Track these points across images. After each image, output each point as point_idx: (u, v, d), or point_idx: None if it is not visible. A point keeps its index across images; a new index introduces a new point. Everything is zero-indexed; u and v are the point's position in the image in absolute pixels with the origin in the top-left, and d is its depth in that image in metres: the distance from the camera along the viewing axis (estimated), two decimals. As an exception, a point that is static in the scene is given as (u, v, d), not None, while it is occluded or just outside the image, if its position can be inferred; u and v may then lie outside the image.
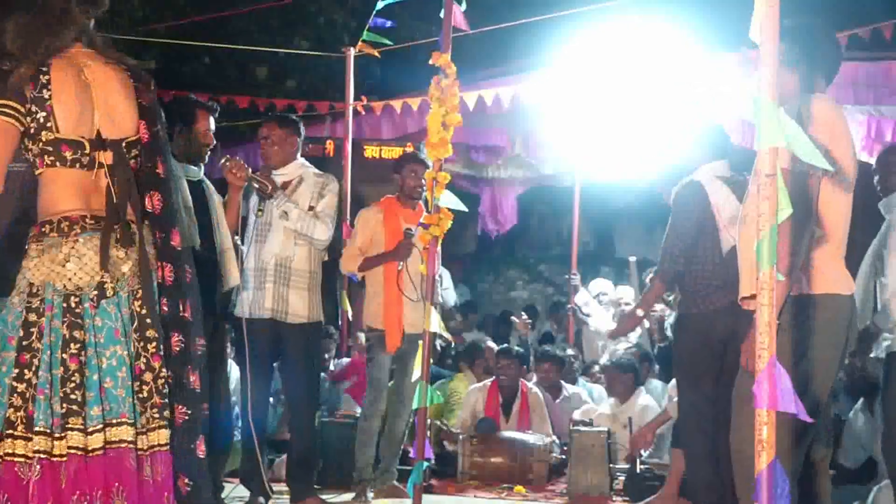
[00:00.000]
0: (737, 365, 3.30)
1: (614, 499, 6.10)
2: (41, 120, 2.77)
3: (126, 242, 2.81)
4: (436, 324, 4.56)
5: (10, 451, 2.67)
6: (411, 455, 5.60)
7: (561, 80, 8.02)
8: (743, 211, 3.37)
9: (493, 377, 7.14)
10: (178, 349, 2.83)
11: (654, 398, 6.84)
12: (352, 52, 8.19)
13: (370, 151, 8.63)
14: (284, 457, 5.97)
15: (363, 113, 8.78)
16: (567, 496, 6.12)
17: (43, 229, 2.80)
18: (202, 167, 4.83)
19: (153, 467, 2.77)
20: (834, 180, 3.21)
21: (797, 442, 3.17)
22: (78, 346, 2.72)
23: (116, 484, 2.68)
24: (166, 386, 2.81)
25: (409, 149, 8.17)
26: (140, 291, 2.81)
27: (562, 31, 8.09)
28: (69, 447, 2.68)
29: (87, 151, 2.81)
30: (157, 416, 2.79)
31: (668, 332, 7.65)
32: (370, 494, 5.65)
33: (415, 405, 4.55)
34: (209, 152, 4.86)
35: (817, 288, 3.20)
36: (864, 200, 4.46)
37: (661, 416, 6.09)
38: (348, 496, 5.72)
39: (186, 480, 2.80)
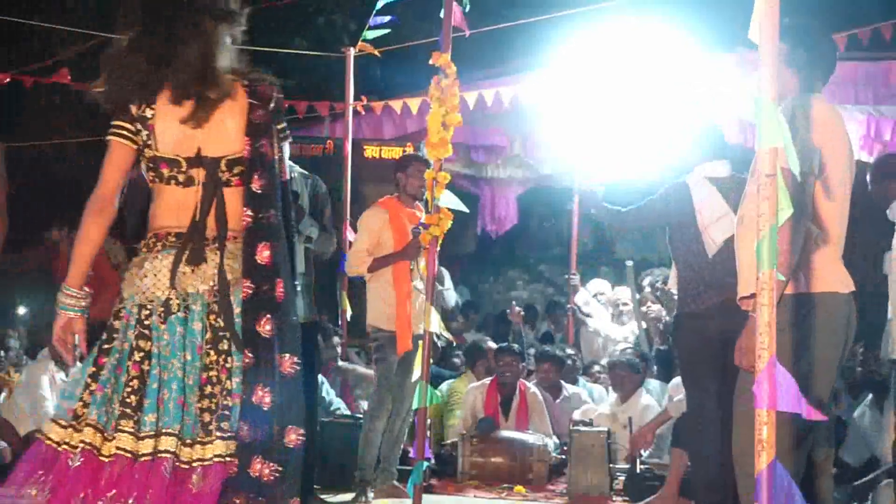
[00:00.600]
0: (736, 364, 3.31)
1: (614, 499, 6.10)
2: (145, 138, 2.88)
3: (198, 259, 2.85)
4: (436, 324, 4.57)
5: (68, 440, 2.78)
6: (411, 455, 5.60)
7: (560, 80, 8.02)
8: (740, 211, 3.37)
9: (493, 376, 7.15)
10: (247, 364, 2.81)
11: (654, 398, 6.84)
12: (352, 52, 8.19)
13: (370, 151, 8.63)
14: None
15: (363, 113, 8.77)
16: (567, 496, 6.12)
17: (139, 246, 2.94)
18: None
19: (204, 479, 2.74)
20: (829, 181, 3.21)
21: (798, 443, 3.17)
22: (141, 354, 2.82)
23: (150, 491, 2.71)
24: (228, 398, 2.80)
25: (409, 149, 8.17)
26: (216, 305, 2.84)
27: (561, 32, 8.09)
28: (117, 448, 2.75)
29: (184, 169, 2.88)
30: (215, 428, 2.78)
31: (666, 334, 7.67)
32: (370, 494, 5.65)
33: (415, 405, 4.55)
34: None
35: (816, 287, 3.20)
36: (865, 200, 4.48)
37: (662, 415, 6.09)
38: (348, 496, 5.72)
39: (237, 501, 2.74)
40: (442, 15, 4.55)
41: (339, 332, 7.86)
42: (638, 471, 6.08)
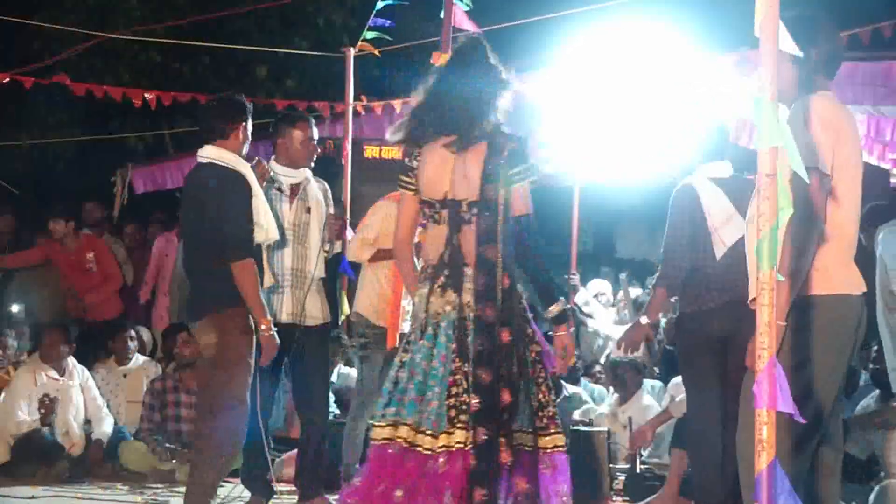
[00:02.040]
0: (740, 365, 3.30)
1: (614, 499, 6.09)
2: (415, 185, 3.55)
3: (446, 287, 3.44)
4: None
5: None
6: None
7: (560, 80, 8.01)
8: (750, 211, 3.35)
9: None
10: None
11: (653, 398, 6.83)
12: (352, 52, 8.18)
13: (370, 151, 8.62)
14: (285, 456, 5.97)
15: (363, 113, 8.77)
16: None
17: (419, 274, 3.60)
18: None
19: (448, 464, 3.29)
20: (841, 182, 3.19)
21: (799, 445, 3.15)
22: (399, 364, 3.50)
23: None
24: (466, 395, 3.34)
25: (410, 149, 8.15)
26: (459, 324, 3.41)
27: (562, 32, 8.08)
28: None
29: (437, 210, 3.50)
30: (457, 420, 3.33)
31: (661, 334, 7.66)
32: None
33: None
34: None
35: (824, 289, 3.17)
36: (865, 201, 4.46)
37: (662, 414, 6.08)
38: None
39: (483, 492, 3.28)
40: (442, 15, 4.55)
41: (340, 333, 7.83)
42: (638, 471, 6.07)
